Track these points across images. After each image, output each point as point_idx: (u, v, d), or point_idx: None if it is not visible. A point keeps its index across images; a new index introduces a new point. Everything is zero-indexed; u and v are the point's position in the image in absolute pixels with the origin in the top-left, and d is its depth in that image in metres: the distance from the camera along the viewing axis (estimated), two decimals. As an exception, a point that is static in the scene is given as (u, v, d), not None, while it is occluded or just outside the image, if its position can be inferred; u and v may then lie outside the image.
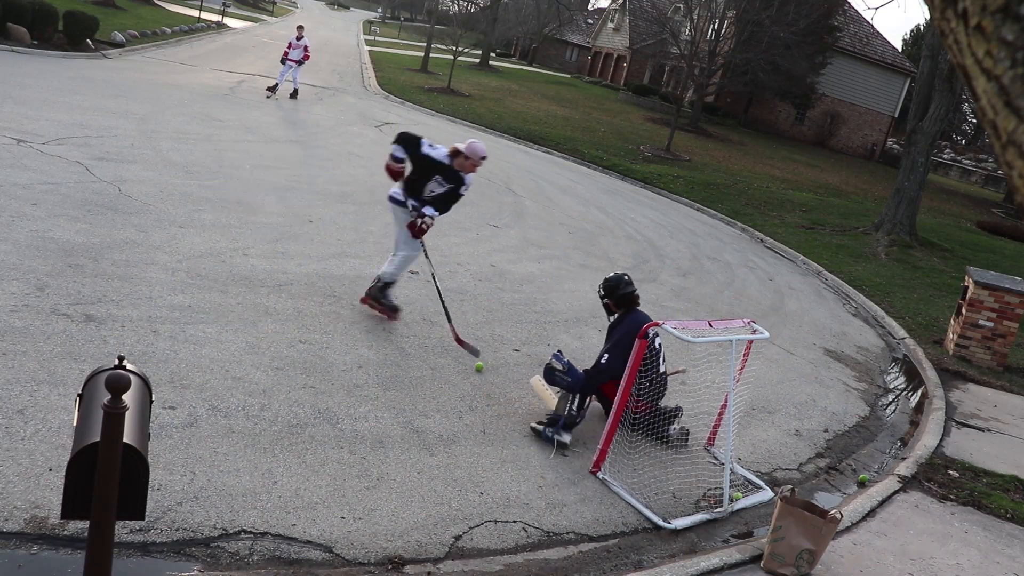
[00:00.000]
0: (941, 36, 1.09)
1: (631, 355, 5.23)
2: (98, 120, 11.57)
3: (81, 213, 7.47)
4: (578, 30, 60.62)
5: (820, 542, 4.59)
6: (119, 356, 2.26)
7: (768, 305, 10.90)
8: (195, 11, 33.29)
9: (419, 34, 58.88)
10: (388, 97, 24.73)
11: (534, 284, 8.96)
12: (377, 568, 3.89)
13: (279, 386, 5.28)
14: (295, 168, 11.71)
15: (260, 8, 54.77)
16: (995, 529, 5.79)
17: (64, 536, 3.54)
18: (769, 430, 6.78)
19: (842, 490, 6.12)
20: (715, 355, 6.41)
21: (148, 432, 2.27)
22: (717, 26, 30.41)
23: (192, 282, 6.57)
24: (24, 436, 4.09)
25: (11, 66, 14.49)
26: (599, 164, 20.82)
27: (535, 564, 4.24)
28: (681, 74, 36.17)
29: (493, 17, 40.67)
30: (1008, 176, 1.05)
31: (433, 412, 5.50)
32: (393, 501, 4.41)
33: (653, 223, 14.82)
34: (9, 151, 8.85)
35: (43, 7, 17.47)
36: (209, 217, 8.36)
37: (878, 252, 16.17)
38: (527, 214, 12.62)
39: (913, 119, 17.61)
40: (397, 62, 35.75)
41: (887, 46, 40.31)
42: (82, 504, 2.15)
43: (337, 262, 7.99)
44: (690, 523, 5.01)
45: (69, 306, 5.58)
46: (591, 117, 29.24)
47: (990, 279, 10.20)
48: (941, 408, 8.13)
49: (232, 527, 3.87)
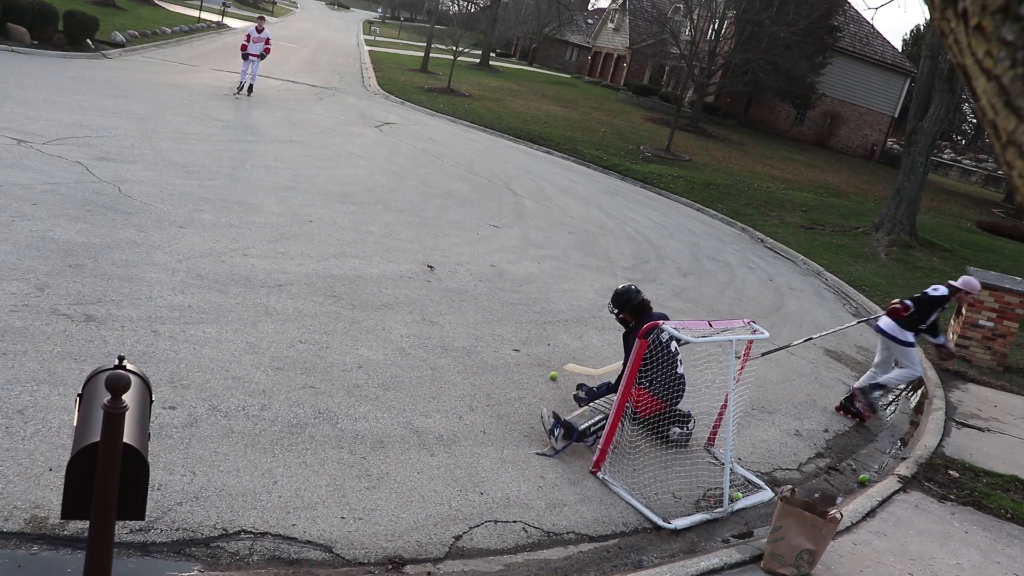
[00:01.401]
0: (941, 36, 1.09)
1: (632, 354, 5.23)
2: (98, 120, 11.57)
3: (81, 213, 7.47)
4: (578, 30, 60.62)
5: (820, 542, 4.59)
6: (119, 356, 2.26)
7: (768, 305, 10.89)
8: (195, 11, 33.30)
9: (419, 34, 58.89)
10: (388, 97, 24.73)
11: (534, 284, 8.96)
12: (377, 568, 3.89)
13: (279, 386, 5.28)
14: (295, 168, 11.71)
15: (260, 8, 54.74)
16: (995, 529, 5.79)
17: (64, 536, 3.54)
18: (769, 430, 6.78)
19: (842, 490, 6.12)
20: (715, 355, 6.41)
21: (148, 432, 2.27)
22: (717, 26, 30.41)
23: (192, 282, 6.57)
24: (24, 436, 4.09)
25: (11, 66, 14.49)
26: (599, 164, 20.82)
27: (535, 564, 4.24)
28: (681, 74, 36.18)
29: (493, 17, 40.67)
30: (1008, 176, 1.05)
31: (433, 412, 5.50)
32: (393, 501, 4.41)
33: (653, 223, 14.82)
34: (9, 151, 8.85)
35: (43, 7, 17.47)
36: (209, 217, 8.36)
37: (878, 252, 16.17)
38: (527, 214, 12.62)
39: (913, 119, 17.61)
40: (397, 62, 35.76)
41: (887, 46, 40.31)
42: (82, 504, 2.15)
43: (337, 262, 7.99)
44: (690, 523, 5.01)
45: (69, 306, 5.58)
46: (591, 117, 29.24)
47: (990, 279, 10.19)
48: (941, 408, 8.13)
49: (232, 527, 3.87)
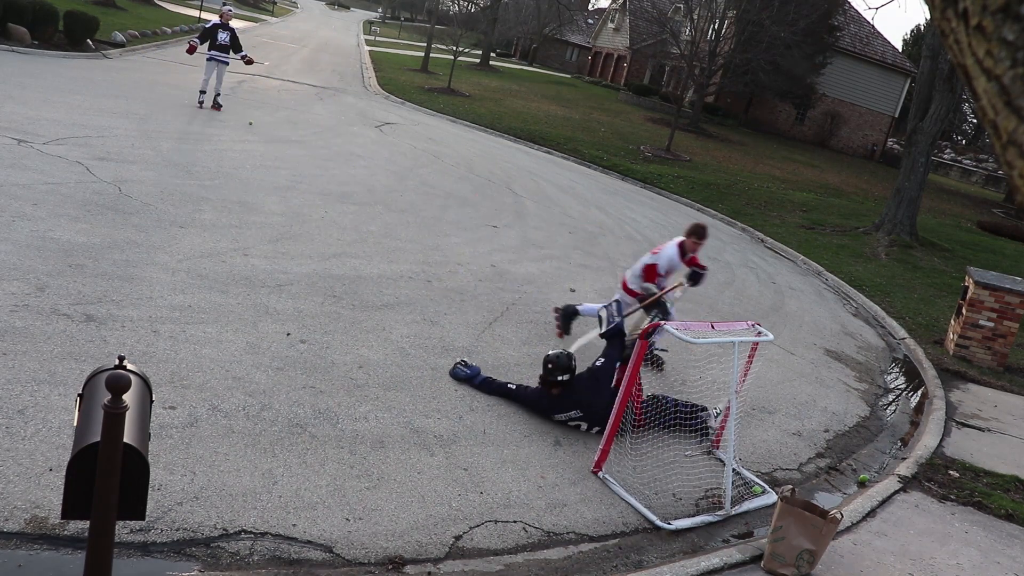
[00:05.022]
0: (942, 36, 1.09)
1: (632, 355, 5.24)
2: (98, 120, 11.57)
3: (81, 213, 7.47)
4: (578, 30, 60.62)
5: (820, 542, 4.59)
6: (119, 356, 2.26)
7: (768, 305, 10.89)
8: (195, 11, 33.30)
9: (419, 34, 58.91)
10: (388, 97, 24.73)
11: (534, 284, 8.96)
12: (377, 568, 3.89)
13: (279, 386, 5.28)
14: (295, 168, 11.71)
15: (260, 8, 54.75)
16: (995, 529, 5.79)
17: (64, 536, 3.54)
18: (769, 430, 6.78)
19: (842, 490, 6.12)
20: (715, 356, 6.41)
21: (148, 432, 2.27)
22: (717, 26, 30.41)
23: (192, 282, 6.57)
24: (24, 436, 4.09)
25: (11, 66, 14.49)
26: (599, 164, 20.81)
27: (535, 564, 4.24)
28: (681, 74, 36.18)
29: (493, 17, 40.66)
30: (1009, 176, 1.05)
31: (433, 412, 5.50)
32: (393, 501, 4.41)
33: (653, 223, 14.81)
34: (9, 151, 8.85)
35: (43, 7, 17.47)
36: (209, 217, 8.36)
37: (878, 252, 16.16)
38: (527, 214, 12.62)
39: (913, 119, 17.60)
40: (397, 62, 35.76)
41: (887, 46, 40.30)
42: (82, 504, 2.15)
43: (337, 262, 7.99)
44: (690, 524, 5.01)
45: (69, 306, 5.58)
46: (591, 117, 29.24)
47: (990, 279, 10.19)
48: (941, 408, 8.13)
49: (232, 527, 3.87)
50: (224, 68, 14.91)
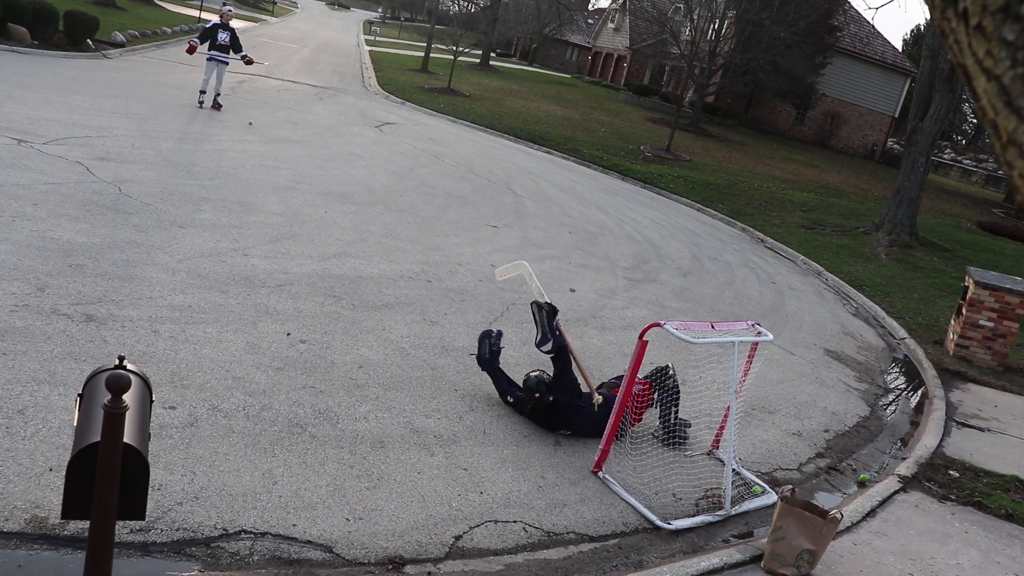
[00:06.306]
0: (941, 36, 1.09)
1: (632, 358, 5.23)
2: (98, 120, 11.57)
3: (81, 213, 7.47)
4: (578, 30, 60.62)
5: (820, 542, 4.59)
6: (119, 356, 2.26)
7: (768, 305, 10.89)
8: (195, 11, 33.29)
9: (419, 34, 58.90)
10: (388, 97, 24.73)
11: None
12: (377, 568, 3.89)
13: (279, 386, 5.28)
14: (296, 168, 11.71)
15: (260, 8, 54.76)
16: (995, 529, 5.79)
17: (64, 536, 3.54)
18: (769, 430, 6.78)
19: (842, 490, 6.12)
20: (715, 356, 6.40)
21: (148, 432, 2.27)
22: (717, 26, 30.41)
23: (192, 282, 6.57)
24: (24, 436, 4.09)
25: (11, 66, 14.49)
26: (599, 164, 20.82)
27: (535, 564, 4.24)
28: (681, 74, 36.17)
29: (493, 17, 40.66)
30: (1009, 176, 1.05)
31: (433, 412, 5.50)
32: (393, 501, 4.41)
33: (653, 223, 14.81)
34: (9, 151, 8.85)
35: (43, 7, 17.47)
36: (209, 217, 8.36)
37: (878, 252, 16.16)
38: (527, 214, 12.62)
39: (913, 119, 17.60)
40: (397, 62, 35.76)
41: (887, 46, 40.30)
42: (82, 504, 2.15)
43: (337, 262, 7.99)
44: (690, 524, 5.01)
45: (69, 306, 5.59)
46: (591, 117, 29.24)
47: (990, 279, 10.19)
48: (941, 408, 8.13)
49: (232, 527, 3.87)
50: (224, 68, 14.90)
